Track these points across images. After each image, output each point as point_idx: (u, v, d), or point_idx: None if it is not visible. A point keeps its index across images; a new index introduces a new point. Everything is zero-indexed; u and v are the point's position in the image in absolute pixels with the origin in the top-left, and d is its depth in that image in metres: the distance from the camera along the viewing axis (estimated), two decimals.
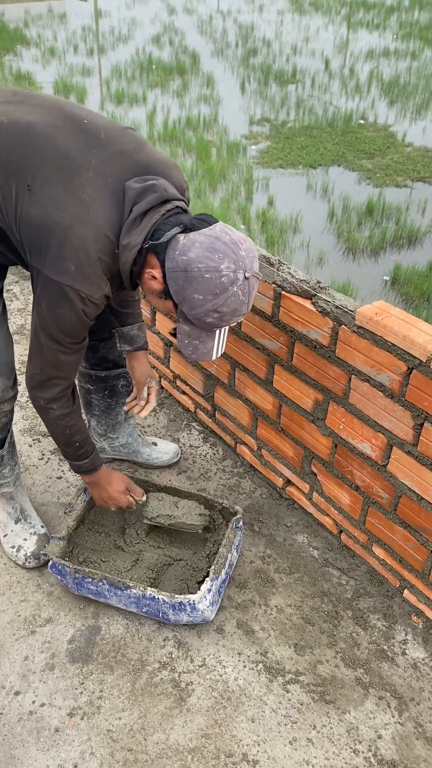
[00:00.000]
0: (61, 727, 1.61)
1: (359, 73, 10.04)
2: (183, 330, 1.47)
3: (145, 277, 1.47)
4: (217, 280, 1.34)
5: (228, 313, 1.39)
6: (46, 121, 1.45)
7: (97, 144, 1.44)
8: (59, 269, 1.40)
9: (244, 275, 1.36)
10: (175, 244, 1.38)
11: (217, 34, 12.49)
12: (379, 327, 1.61)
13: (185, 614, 1.74)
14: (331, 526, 2.08)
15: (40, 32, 12.16)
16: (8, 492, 1.99)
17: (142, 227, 1.41)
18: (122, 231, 1.42)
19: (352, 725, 1.63)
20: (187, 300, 1.38)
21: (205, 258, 1.34)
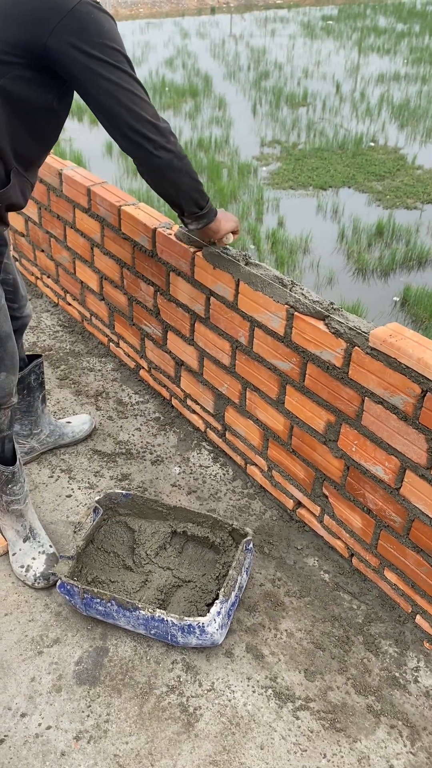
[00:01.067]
0: (68, 751, 1.59)
1: (370, 97, 10.13)
2: None
3: None
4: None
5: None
6: None
7: None
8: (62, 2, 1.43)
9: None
10: None
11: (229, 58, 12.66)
12: (393, 349, 1.61)
13: (194, 637, 1.72)
14: (343, 550, 2.06)
15: None
16: (18, 509, 1.99)
17: None
18: None
19: (363, 754, 1.60)
20: None
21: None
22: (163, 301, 2.41)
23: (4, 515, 2.00)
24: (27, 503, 2.01)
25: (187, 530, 2.02)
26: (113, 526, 2.04)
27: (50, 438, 2.39)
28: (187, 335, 2.36)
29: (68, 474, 2.34)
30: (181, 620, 1.70)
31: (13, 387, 1.81)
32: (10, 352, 1.76)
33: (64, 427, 2.44)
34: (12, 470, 1.90)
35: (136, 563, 1.98)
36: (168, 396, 2.67)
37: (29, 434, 2.33)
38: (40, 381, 2.26)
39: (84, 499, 2.25)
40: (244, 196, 6.55)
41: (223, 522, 1.98)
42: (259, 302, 1.96)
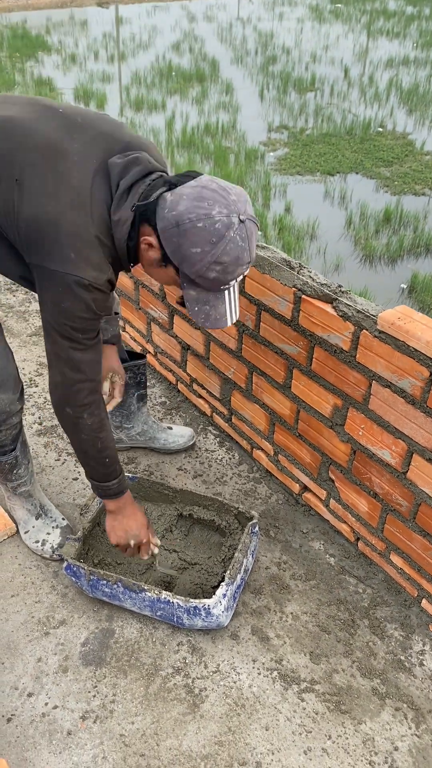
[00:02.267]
0: (74, 731, 1.60)
1: (378, 82, 10.03)
2: (190, 296, 1.41)
3: (142, 249, 1.43)
4: (211, 228, 1.30)
5: (230, 263, 1.33)
6: (24, 114, 1.44)
7: (76, 129, 1.42)
8: (59, 259, 1.36)
9: (239, 218, 1.31)
10: (164, 203, 1.34)
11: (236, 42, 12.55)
12: (401, 332, 1.59)
13: (200, 619, 1.72)
14: (348, 534, 2.06)
15: (62, 39, 12.27)
16: (26, 490, 2.00)
17: (130, 200, 1.38)
18: (112, 207, 1.39)
19: (368, 736, 1.61)
20: (186, 258, 1.34)
21: (194, 207, 1.30)
22: None
23: (12, 497, 2.01)
24: (33, 482, 2.02)
25: (193, 513, 2.02)
26: None
27: (140, 437, 2.34)
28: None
29: (75, 457, 2.35)
30: (187, 602, 1.71)
31: (7, 405, 1.75)
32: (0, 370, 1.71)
33: (160, 432, 2.35)
34: (14, 456, 1.91)
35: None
36: (174, 380, 2.67)
37: (119, 426, 2.30)
38: (138, 380, 2.21)
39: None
40: (251, 181, 6.50)
41: (229, 505, 1.97)
42: (266, 285, 1.95)
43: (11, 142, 1.40)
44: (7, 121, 1.43)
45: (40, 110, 1.45)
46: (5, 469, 1.91)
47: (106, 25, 13.65)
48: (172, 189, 1.35)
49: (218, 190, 1.32)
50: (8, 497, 2.03)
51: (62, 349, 1.49)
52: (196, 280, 1.37)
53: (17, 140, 1.40)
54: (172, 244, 1.34)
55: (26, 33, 12.34)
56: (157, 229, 1.35)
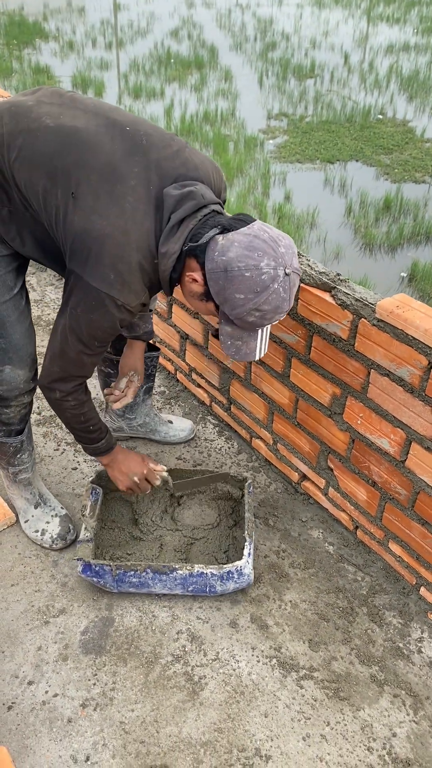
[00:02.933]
0: (74, 718, 1.61)
1: (378, 68, 9.95)
2: (225, 331, 1.48)
3: (185, 281, 1.48)
4: (257, 278, 1.35)
5: (270, 311, 1.39)
6: (90, 127, 1.46)
7: (139, 151, 1.45)
8: (99, 277, 1.41)
9: (285, 272, 1.37)
10: (214, 246, 1.39)
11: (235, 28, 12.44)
12: (400, 320, 1.59)
13: (232, 582, 1.79)
14: (347, 522, 2.06)
15: (59, 26, 12.16)
16: (26, 478, 2.00)
17: (179, 234, 1.43)
18: (161, 239, 1.43)
19: (366, 723, 1.62)
20: (229, 300, 1.39)
21: (244, 257, 1.35)
22: None
23: (12, 485, 2.01)
24: (34, 471, 2.03)
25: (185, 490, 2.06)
26: (110, 502, 2.05)
27: (141, 428, 2.36)
28: (191, 309, 2.34)
29: (74, 447, 2.35)
30: (221, 569, 1.77)
31: (21, 382, 1.77)
32: (15, 345, 1.70)
33: (160, 425, 2.37)
34: (20, 439, 1.92)
35: (144, 532, 2.01)
36: (173, 370, 2.66)
37: (121, 415, 2.32)
38: (148, 372, 2.22)
39: (89, 471, 2.25)
40: (250, 169, 6.47)
41: (218, 473, 2.03)
42: None
43: (74, 155, 1.43)
44: (73, 134, 1.44)
45: (106, 125, 1.47)
46: (9, 452, 1.92)
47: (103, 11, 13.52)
48: (225, 233, 1.40)
49: (269, 241, 1.37)
50: (8, 486, 2.03)
51: (73, 351, 1.54)
52: (234, 320, 1.43)
53: (80, 155, 1.42)
54: (217, 286, 1.40)
55: (23, 20, 12.23)
56: (205, 267, 1.41)
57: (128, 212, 1.40)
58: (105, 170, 1.41)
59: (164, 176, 1.45)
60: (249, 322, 1.41)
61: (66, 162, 1.42)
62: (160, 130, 1.52)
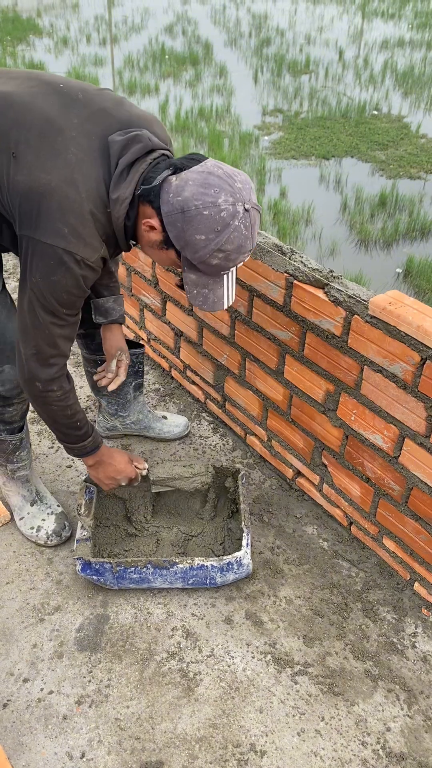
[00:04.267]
0: (69, 715, 1.61)
1: (373, 64, 9.95)
2: (190, 279, 1.41)
3: (142, 231, 1.42)
4: (216, 216, 1.30)
5: (233, 251, 1.34)
6: (23, 89, 1.42)
7: (76, 105, 1.40)
8: (52, 233, 1.34)
9: (244, 207, 1.31)
10: (168, 187, 1.34)
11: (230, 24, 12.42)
12: (392, 317, 1.59)
13: (232, 573, 1.81)
14: (341, 518, 2.07)
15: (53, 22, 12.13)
16: (25, 475, 2.00)
17: (130, 179, 1.37)
18: (111, 186, 1.37)
19: (360, 717, 1.62)
20: (189, 243, 1.34)
21: (200, 194, 1.30)
22: (162, 271, 2.39)
23: (9, 482, 2.01)
24: (32, 467, 2.03)
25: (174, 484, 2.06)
26: (103, 500, 2.05)
27: (135, 426, 2.35)
28: (186, 305, 2.34)
29: None
30: (221, 561, 1.79)
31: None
32: (10, 342, 1.69)
33: (155, 421, 2.36)
34: (20, 437, 1.92)
35: (138, 529, 2.02)
36: (167, 367, 2.66)
37: (114, 414, 2.32)
38: (136, 369, 2.22)
39: (84, 469, 2.25)
40: (245, 166, 6.46)
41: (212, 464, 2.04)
42: (258, 271, 1.94)
43: (7, 117, 1.38)
44: (5, 97, 1.41)
45: (39, 85, 1.43)
46: (8, 449, 1.92)
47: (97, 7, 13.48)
48: (177, 173, 1.34)
49: (224, 177, 1.32)
50: (4, 483, 2.03)
51: (43, 324, 1.46)
52: (197, 265, 1.37)
53: (14, 116, 1.38)
54: (175, 229, 1.34)
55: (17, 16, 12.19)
56: (161, 212, 1.35)
57: (73, 163, 1.35)
58: (43, 126, 1.36)
59: (106, 125, 1.39)
60: (213, 265, 1.36)
61: (3, 123, 1.37)
62: (94, 86, 1.49)
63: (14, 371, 1.73)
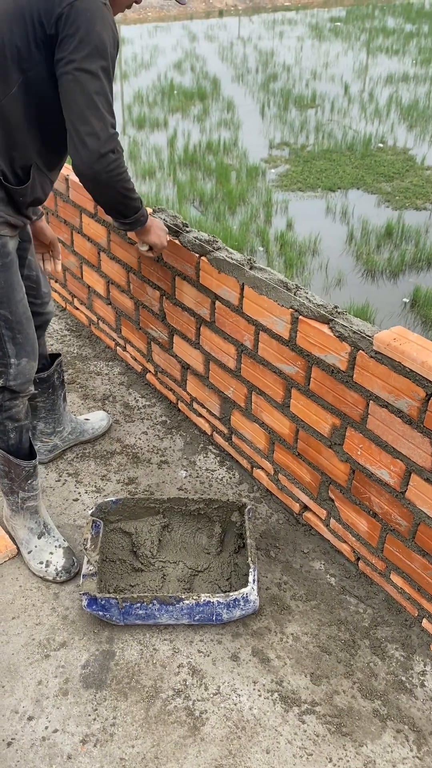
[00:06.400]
0: (74, 754, 1.59)
1: (378, 98, 10.11)
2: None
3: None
4: None
5: None
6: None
7: None
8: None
9: None
10: None
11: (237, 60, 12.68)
12: (397, 353, 1.60)
13: (239, 609, 1.81)
14: (349, 553, 2.05)
15: None
16: (34, 506, 2.01)
17: None
18: None
19: (369, 759, 1.60)
20: None
21: None
22: (169, 305, 2.42)
23: (16, 514, 2.01)
24: (41, 499, 2.04)
25: (182, 519, 2.08)
26: (109, 534, 2.05)
27: (72, 435, 2.44)
28: (192, 339, 2.37)
29: (75, 478, 2.35)
30: (227, 597, 1.78)
31: (32, 374, 1.86)
32: (30, 339, 1.82)
33: (84, 424, 2.48)
34: (34, 464, 1.94)
35: (144, 564, 2.01)
36: (174, 399, 2.68)
37: (53, 432, 2.38)
38: (62, 379, 2.34)
39: (91, 502, 2.26)
40: (252, 198, 6.55)
41: (218, 500, 2.06)
42: (263, 306, 1.96)
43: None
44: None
45: None
46: (22, 476, 1.94)
47: None
48: None
49: None
50: (11, 515, 2.03)
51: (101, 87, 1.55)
52: None
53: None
54: None
55: None
56: None
57: None
58: None
59: None
60: None
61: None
62: None
63: (29, 365, 1.84)
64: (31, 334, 1.83)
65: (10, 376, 1.82)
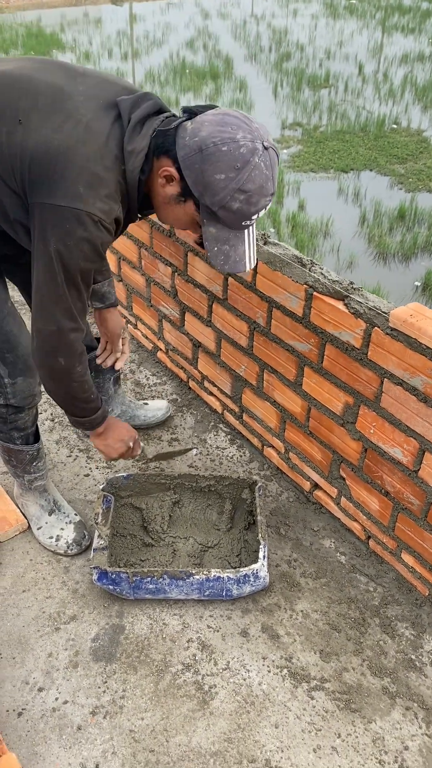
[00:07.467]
0: (84, 726, 1.61)
1: (393, 78, 9.96)
2: (210, 234, 1.38)
3: (157, 186, 1.39)
4: (236, 152, 1.27)
5: (254, 191, 1.30)
6: (23, 66, 1.42)
7: (79, 76, 1.41)
8: (67, 194, 1.30)
9: (263, 145, 1.29)
10: (183, 132, 1.32)
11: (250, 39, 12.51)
12: (413, 329, 1.58)
13: (249, 585, 1.81)
14: (359, 532, 2.05)
15: (76, 37, 12.30)
16: (42, 485, 2.01)
17: (144, 132, 1.35)
18: (125, 139, 1.35)
19: (378, 735, 1.60)
20: (209, 186, 1.30)
21: (218, 132, 1.28)
22: (181, 281, 2.40)
23: (26, 492, 2.02)
24: (48, 478, 2.04)
25: (192, 495, 2.08)
26: (120, 509, 2.05)
27: (122, 417, 2.40)
28: (204, 316, 2.35)
29: (86, 453, 2.35)
30: (237, 573, 1.78)
31: (33, 388, 1.78)
32: (23, 356, 1.70)
33: (138, 409, 2.42)
34: (37, 447, 1.93)
35: (155, 539, 2.01)
36: (185, 377, 2.67)
37: None
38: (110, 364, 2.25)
39: (102, 478, 2.26)
40: None
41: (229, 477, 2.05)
42: (277, 282, 1.94)
43: (14, 90, 1.36)
44: (5, 75, 1.40)
45: (40, 62, 1.45)
46: (25, 460, 1.93)
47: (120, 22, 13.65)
48: (192, 118, 1.34)
49: (241, 117, 1.31)
50: (21, 493, 2.04)
51: (62, 296, 1.41)
52: (218, 212, 1.34)
53: (20, 87, 1.36)
54: (194, 172, 1.31)
55: (41, 31, 12.38)
56: (178, 158, 1.32)
57: (83, 122, 1.33)
58: (51, 93, 1.35)
59: (112, 92, 1.39)
60: (234, 210, 1.32)
61: (9, 96, 1.36)
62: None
63: (26, 383, 1.75)
64: (21, 350, 1.68)
65: (8, 394, 1.74)
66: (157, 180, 1.39)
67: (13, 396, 1.75)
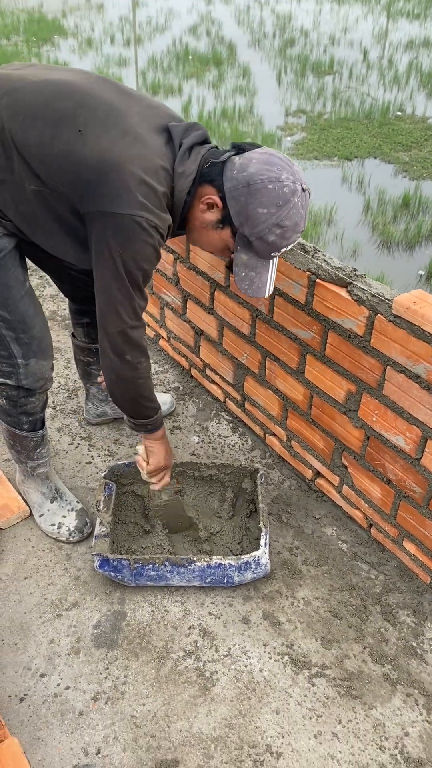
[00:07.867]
0: (85, 711, 1.61)
1: (398, 64, 9.87)
2: (241, 260, 1.50)
3: (197, 211, 1.50)
4: (279, 191, 1.40)
5: (290, 227, 1.43)
6: (80, 79, 1.51)
7: (132, 97, 1.51)
8: (128, 203, 1.40)
9: (302, 187, 1.43)
10: (232, 165, 1.45)
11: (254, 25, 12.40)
12: (416, 316, 1.57)
13: (250, 572, 1.81)
14: (361, 520, 2.05)
15: (78, 22, 12.20)
16: (44, 472, 2.01)
17: (193, 158, 1.47)
18: (176, 162, 1.46)
19: (378, 721, 1.60)
20: (251, 217, 1.42)
21: (265, 170, 1.41)
22: (183, 269, 2.39)
23: (28, 479, 2.02)
24: (51, 465, 2.04)
25: (194, 483, 2.08)
26: (121, 497, 2.05)
27: None
28: (206, 304, 2.34)
29: (88, 441, 2.35)
30: (239, 560, 1.78)
31: (46, 371, 1.79)
32: (37, 338, 1.72)
33: None
34: (41, 434, 1.93)
35: (156, 527, 2.01)
36: (187, 366, 2.66)
37: (105, 399, 2.37)
38: None
39: (103, 466, 2.26)
40: None
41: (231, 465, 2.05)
42: (280, 269, 1.93)
43: (75, 98, 1.45)
44: (65, 83, 1.47)
45: (96, 78, 1.53)
46: (30, 446, 1.93)
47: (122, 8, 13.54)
48: (240, 153, 1.46)
49: (285, 159, 1.45)
50: (23, 480, 2.04)
51: (127, 297, 1.51)
52: (254, 242, 1.46)
53: (79, 99, 1.45)
54: (239, 203, 1.43)
55: (42, 17, 12.29)
56: (224, 188, 1.44)
57: (140, 140, 1.42)
58: (108, 108, 1.44)
59: (161, 117, 1.50)
60: (269, 242, 1.45)
61: (67, 105, 1.43)
62: None
63: (39, 365, 1.76)
64: (36, 332, 1.71)
65: (21, 375, 1.74)
66: (198, 205, 1.51)
67: (26, 377, 1.76)
